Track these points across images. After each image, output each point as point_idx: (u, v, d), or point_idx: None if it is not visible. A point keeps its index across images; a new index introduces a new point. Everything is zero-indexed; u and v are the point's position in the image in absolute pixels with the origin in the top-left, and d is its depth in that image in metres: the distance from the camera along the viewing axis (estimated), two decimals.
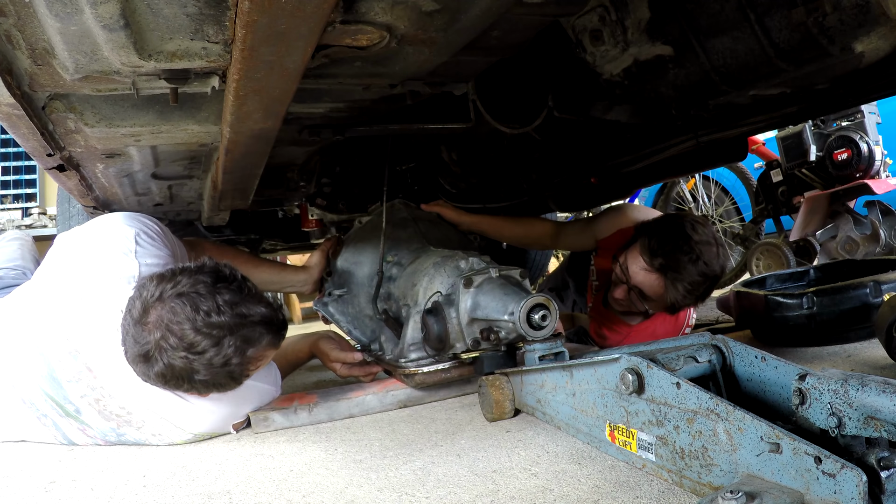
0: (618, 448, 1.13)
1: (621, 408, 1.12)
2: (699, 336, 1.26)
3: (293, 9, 0.73)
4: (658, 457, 1.03)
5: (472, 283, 1.53)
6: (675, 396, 0.99)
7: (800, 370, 0.97)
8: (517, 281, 1.57)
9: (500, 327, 1.48)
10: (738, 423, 0.88)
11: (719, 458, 0.91)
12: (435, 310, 1.59)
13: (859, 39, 1.23)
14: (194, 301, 1.31)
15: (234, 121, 1.11)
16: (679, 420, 0.98)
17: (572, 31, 1.55)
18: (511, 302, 1.43)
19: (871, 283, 1.95)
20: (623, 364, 1.10)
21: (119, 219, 1.61)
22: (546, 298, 1.41)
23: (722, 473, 0.90)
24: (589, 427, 1.22)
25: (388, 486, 1.17)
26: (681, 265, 1.86)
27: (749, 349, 1.12)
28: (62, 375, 1.47)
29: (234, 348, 1.33)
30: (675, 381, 0.99)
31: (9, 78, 0.96)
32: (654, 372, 1.03)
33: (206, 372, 1.33)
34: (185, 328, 1.30)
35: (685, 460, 0.97)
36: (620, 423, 1.12)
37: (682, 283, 1.87)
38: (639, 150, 2.29)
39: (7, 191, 9.06)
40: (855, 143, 3.87)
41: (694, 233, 1.88)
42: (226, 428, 1.59)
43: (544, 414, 1.41)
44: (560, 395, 1.33)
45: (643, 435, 1.05)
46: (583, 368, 1.24)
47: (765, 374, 1.08)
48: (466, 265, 1.66)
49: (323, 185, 2.35)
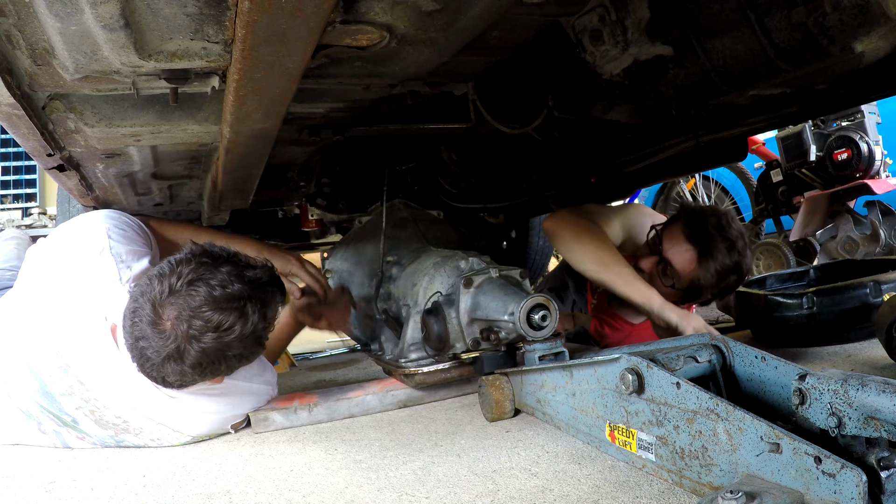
0: (618, 448, 1.13)
1: (621, 408, 1.12)
2: (699, 336, 1.26)
3: (293, 9, 0.73)
4: (658, 457, 1.02)
5: (472, 284, 1.53)
6: (674, 396, 0.99)
7: (800, 370, 0.97)
8: (517, 281, 1.57)
9: (500, 327, 1.48)
10: (737, 423, 0.88)
11: (719, 458, 0.91)
12: (435, 310, 1.59)
13: (859, 39, 1.23)
14: (207, 282, 1.32)
15: (234, 121, 1.11)
16: (679, 420, 0.98)
17: (572, 31, 1.55)
18: (511, 302, 1.43)
19: (871, 283, 1.94)
20: (623, 364, 1.09)
21: (88, 218, 1.60)
22: (546, 298, 1.41)
23: (722, 473, 0.90)
24: (589, 427, 1.22)
25: (388, 486, 1.17)
26: (717, 248, 1.92)
27: (749, 349, 1.11)
28: (55, 390, 1.46)
29: (258, 313, 1.35)
30: (675, 381, 0.99)
31: (9, 78, 0.96)
32: (655, 372, 1.03)
33: (239, 345, 1.34)
34: (207, 311, 1.30)
35: (685, 460, 0.97)
36: (620, 423, 1.12)
37: (715, 265, 1.93)
38: (639, 150, 2.29)
39: (7, 191, 9.07)
40: (855, 143, 3.87)
41: (733, 225, 1.98)
42: (224, 428, 1.59)
43: (544, 414, 1.40)
44: (560, 395, 1.33)
45: (643, 435, 1.05)
46: (583, 368, 1.24)
47: (765, 374, 1.08)
48: (466, 265, 1.66)
49: (323, 185, 2.35)
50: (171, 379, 1.35)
